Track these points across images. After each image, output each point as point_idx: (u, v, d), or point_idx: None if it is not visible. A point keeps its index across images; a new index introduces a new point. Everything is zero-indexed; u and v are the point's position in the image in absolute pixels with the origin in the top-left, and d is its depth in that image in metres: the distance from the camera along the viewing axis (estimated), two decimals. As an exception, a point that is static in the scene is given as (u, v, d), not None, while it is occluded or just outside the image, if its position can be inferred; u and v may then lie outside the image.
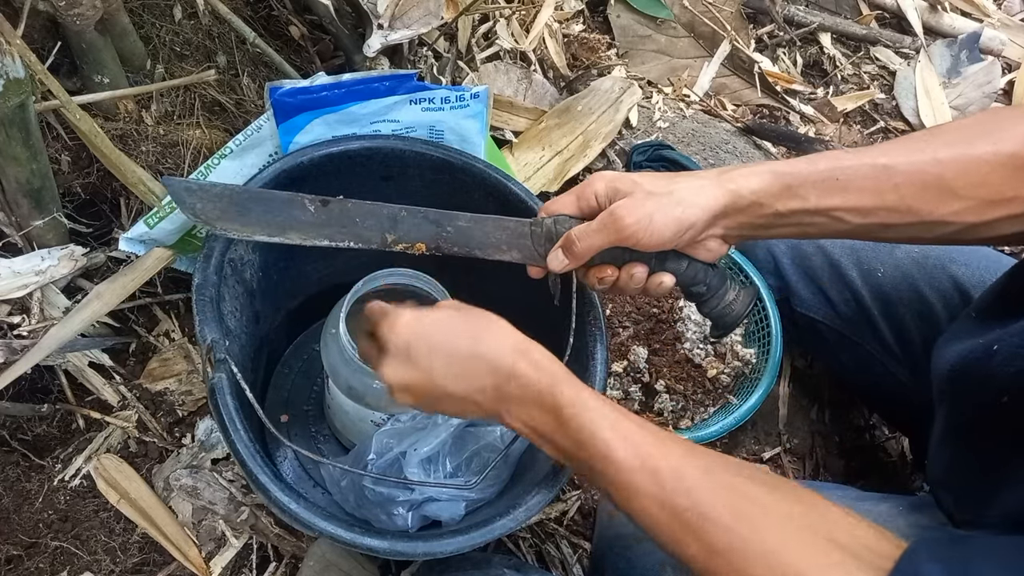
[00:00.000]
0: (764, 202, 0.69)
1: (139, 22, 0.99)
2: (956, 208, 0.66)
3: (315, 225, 0.76)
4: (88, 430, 1.03)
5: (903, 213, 0.68)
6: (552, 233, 0.74)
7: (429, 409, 0.72)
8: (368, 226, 0.77)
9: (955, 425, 0.74)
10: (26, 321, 0.93)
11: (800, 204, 0.69)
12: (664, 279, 0.73)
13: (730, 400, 1.06)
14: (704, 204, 0.69)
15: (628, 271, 0.73)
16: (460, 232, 0.76)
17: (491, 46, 1.41)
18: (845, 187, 0.68)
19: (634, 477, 0.58)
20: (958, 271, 0.92)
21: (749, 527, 0.55)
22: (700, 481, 0.57)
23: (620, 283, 0.74)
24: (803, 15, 1.60)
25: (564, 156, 1.32)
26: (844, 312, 0.99)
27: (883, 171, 0.68)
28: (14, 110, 0.78)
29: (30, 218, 0.90)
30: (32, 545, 0.96)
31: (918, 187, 0.67)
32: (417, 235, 0.77)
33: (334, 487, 0.92)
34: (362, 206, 0.77)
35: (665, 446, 0.60)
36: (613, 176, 0.73)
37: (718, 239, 0.73)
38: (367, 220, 0.77)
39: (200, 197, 0.74)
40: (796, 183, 0.69)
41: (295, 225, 0.76)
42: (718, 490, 0.57)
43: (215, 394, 0.71)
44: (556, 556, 1.02)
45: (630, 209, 0.69)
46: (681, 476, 0.57)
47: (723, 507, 0.56)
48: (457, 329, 0.67)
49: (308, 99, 0.86)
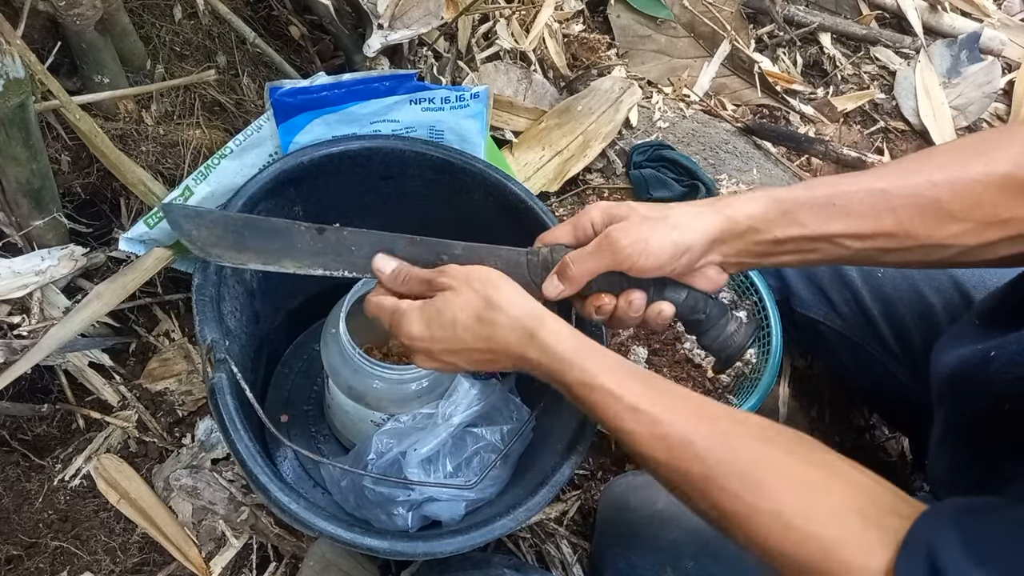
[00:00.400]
0: (761, 227, 0.69)
1: (139, 22, 0.99)
2: (954, 231, 0.66)
3: (310, 253, 0.76)
4: (88, 430, 1.03)
5: (902, 237, 0.67)
6: (548, 261, 0.73)
7: (456, 366, 0.73)
8: (363, 255, 0.76)
9: (955, 427, 0.74)
10: (26, 321, 0.93)
11: (799, 231, 0.68)
12: (663, 308, 0.72)
13: (730, 400, 1.06)
14: (701, 228, 0.68)
15: (626, 298, 0.72)
16: (455, 260, 0.75)
17: (491, 46, 1.41)
18: (843, 212, 0.67)
19: (647, 447, 0.62)
20: (958, 271, 0.92)
21: (760, 480, 0.56)
22: (711, 444, 0.59)
23: (619, 312, 0.73)
24: (803, 15, 1.60)
25: (564, 156, 1.32)
26: (844, 312, 0.99)
27: (880, 195, 0.67)
28: (14, 110, 0.78)
29: (30, 218, 0.90)
30: (32, 545, 0.96)
31: (915, 210, 0.66)
32: (413, 263, 0.76)
33: (334, 487, 0.92)
34: (358, 234, 0.77)
35: (674, 405, 0.62)
36: (609, 204, 0.73)
37: (716, 267, 0.72)
38: (362, 249, 0.76)
39: (197, 224, 0.74)
40: (793, 208, 0.68)
41: (290, 253, 0.76)
42: (730, 444, 0.59)
43: (215, 394, 0.71)
44: (556, 556, 1.02)
45: (626, 231, 0.68)
46: (690, 442, 0.60)
47: (733, 461, 0.58)
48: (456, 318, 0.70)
49: (308, 99, 0.86)
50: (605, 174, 1.36)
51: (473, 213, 0.93)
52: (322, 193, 0.90)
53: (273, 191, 0.85)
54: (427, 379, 0.86)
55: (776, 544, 0.55)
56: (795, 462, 0.58)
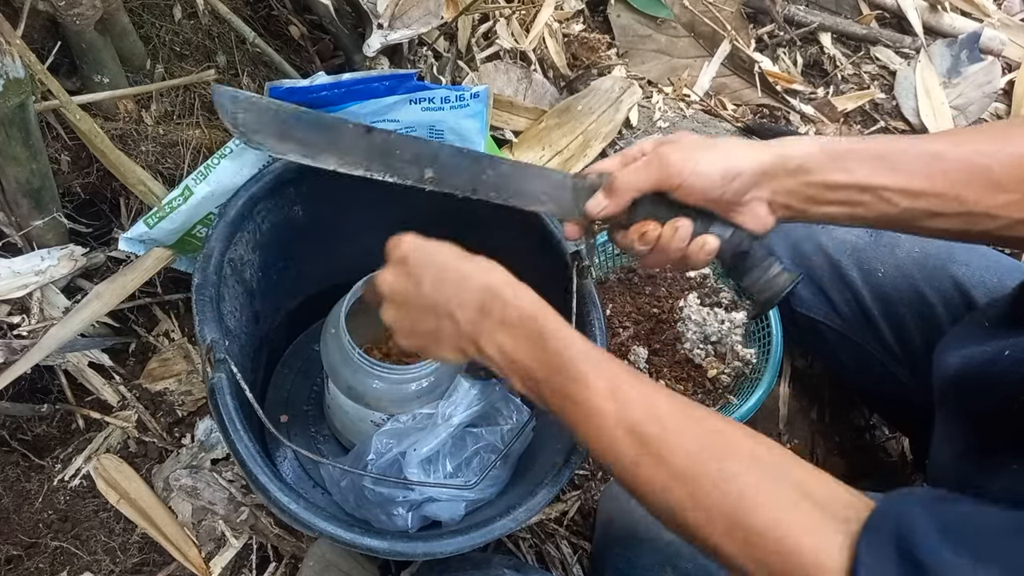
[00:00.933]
0: (811, 168, 0.69)
1: (139, 22, 0.99)
2: (1002, 201, 0.67)
3: (354, 152, 0.74)
4: (88, 430, 1.03)
5: (950, 201, 0.67)
6: (595, 186, 0.72)
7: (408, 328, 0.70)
8: (408, 160, 0.74)
9: (957, 428, 0.74)
10: (26, 321, 0.93)
11: (848, 178, 0.68)
12: (708, 241, 0.71)
13: (730, 400, 1.06)
14: (752, 157, 0.68)
15: (672, 226, 0.71)
16: (500, 177, 0.73)
17: (491, 46, 1.41)
18: (894, 167, 0.68)
19: (605, 403, 0.58)
20: (958, 271, 0.92)
21: (713, 456, 0.54)
22: (671, 411, 0.57)
23: (663, 241, 0.71)
24: (803, 15, 1.60)
25: (564, 156, 1.32)
26: (844, 312, 0.99)
27: (933, 157, 0.68)
28: (14, 110, 0.78)
29: (30, 218, 0.90)
30: (32, 545, 0.96)
31: (967, 175, 0.67)
32: (455, 175, 0.74)
33: (334, 487, 0.92)
34: (404, 139, 0.75)
35: (642, 383, 0.60)
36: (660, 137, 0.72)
37: (765, 205, 0.71)
38: (407, 154, 0.74)
39: (244, 108, 0.73)
40: (844, 156, 0.68)
41: (335, 150, 0.73)
42: (689, 421, 0.57)
43: (215, 394, 0.71)
44: (556, 556, 1.02)
45: (676, 149, 0.68)
46: (652, 404, 0.58)
47: (691, 436, 0.56)
48: (457, 253, 0.68)
49: (308, 99, 0.86)
50: (605, 174, 1.36)
51: (473, 213, 0.92)
52: (322, 193, 0.90)
53: (273, 191, 0.85)
54: (427, 379, 0.86)
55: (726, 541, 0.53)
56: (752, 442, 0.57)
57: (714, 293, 1.12)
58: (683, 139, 0.71)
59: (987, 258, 0.94)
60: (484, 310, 0.64)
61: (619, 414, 0.58)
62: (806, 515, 0.51)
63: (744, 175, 0.68)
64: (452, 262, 0.67)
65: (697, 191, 0.68)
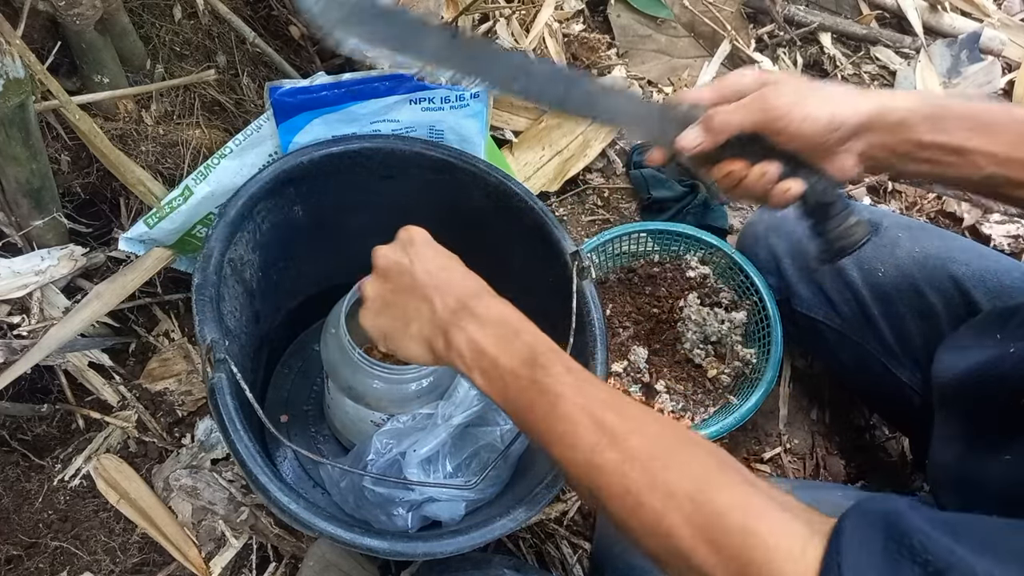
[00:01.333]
0: (911, 123, 0.68)
1: (139, 22, 0.99)
2: None
3: (440, 51, 0.69)
4: (88, 430, 1.03)
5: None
6: (687, 118, 0.71)
7: (380, 306, 0.69)
8: (496, 67, 0.70)
9: (958, 428, 0.74)
10: (26, 321, 0.93)
11: (945, 138, 0.68)
12: (793, 186, 0.70)
13: (730, 400, 1.06)
14: (856, 107, 0.68)
15: (761, 168, 0.70)
16: (588, 96, 0.72)
17: (491, 46, 1.41)
18: (988, 129, 0.68)
19: (570, 390, 0.58)
20: (958, 270, 0.92)
21: (676, 438, 0.55)
22: (630, 405, 0.58)
23: (747, 182, 0.71)
24: (803, 15, 1.60)
25: (564, 156, 1.32)
26: (844, 312, 0.99)
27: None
28: (14, 110, 0.78)
29: (30, 218, 0.90)
30: (32, 545, 0.96)
31: None
32: (544, 88, 0.72)
33: (334, 488, 0.92)
34: (492, 47, 0.73)
35: (610, 388, 0.60)
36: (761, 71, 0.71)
37: (854, 157, 0.70)
38: (495, 62, 0.71)
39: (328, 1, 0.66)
40: (943, 114, 0.68)
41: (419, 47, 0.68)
42: (648, 413, 0.58)
43: (215, 394, 0.71)
44: (556, 556, 1.02)
45: (782, 92, 0.67)
46: (613, 396, 0.58)
47: (650, 422, 0.56)
48: (462, 263, 0.69)
49: (308, 99, 0.86)
50: (605, 174, 1.36)
51: (473, 213, 0.93)
52: (322, 193, 0.90)
53: (273, 191, 0.85)
54: (427, 379, 0.86)
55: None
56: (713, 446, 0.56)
57: (714, 293, 1.12)
58: (787, 83, 0.69)
59: (987, 258, 0.94)
60: (464, 303, 0.64)
61: (584, 400, 0.57)
62: (772, 501, 0.50)
63: (846, 126, 0.68)
64: (454, 263, 0.68)
65: (798, 139, 0.68)
